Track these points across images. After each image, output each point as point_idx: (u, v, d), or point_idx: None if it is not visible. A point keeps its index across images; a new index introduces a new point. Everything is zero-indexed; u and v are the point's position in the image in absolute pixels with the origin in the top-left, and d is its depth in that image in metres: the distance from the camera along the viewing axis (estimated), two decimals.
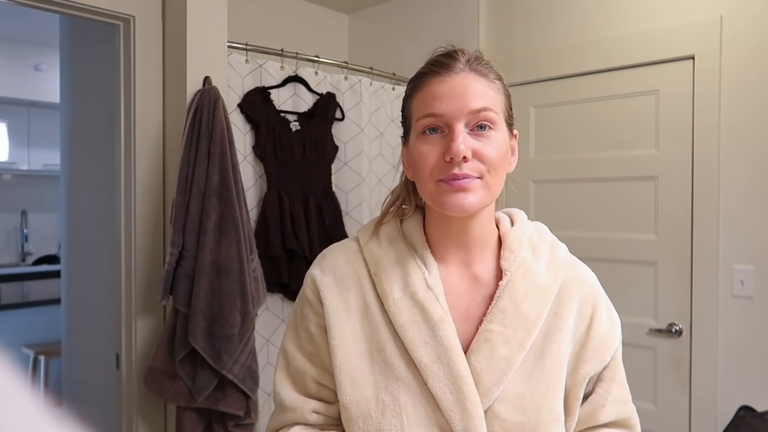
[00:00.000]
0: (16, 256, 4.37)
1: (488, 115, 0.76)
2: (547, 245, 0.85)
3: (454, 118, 0.75)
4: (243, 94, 1.96)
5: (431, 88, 0.77)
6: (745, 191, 1.93)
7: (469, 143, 0.74)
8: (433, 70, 0.79)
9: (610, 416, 0.83)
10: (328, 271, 0.83)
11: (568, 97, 2.35)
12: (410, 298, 0.78)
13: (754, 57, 1.91)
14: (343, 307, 0.80)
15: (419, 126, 0.78)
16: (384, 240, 0.83)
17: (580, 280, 0.84)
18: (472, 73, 0.78)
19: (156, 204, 1.87)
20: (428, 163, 0.76)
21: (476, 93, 0.76)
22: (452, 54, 0.79)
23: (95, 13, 1.78)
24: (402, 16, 2.84)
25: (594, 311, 0.82)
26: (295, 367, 0.83)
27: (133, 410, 1.83)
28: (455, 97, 0.75)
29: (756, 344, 1.91)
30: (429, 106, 0.76)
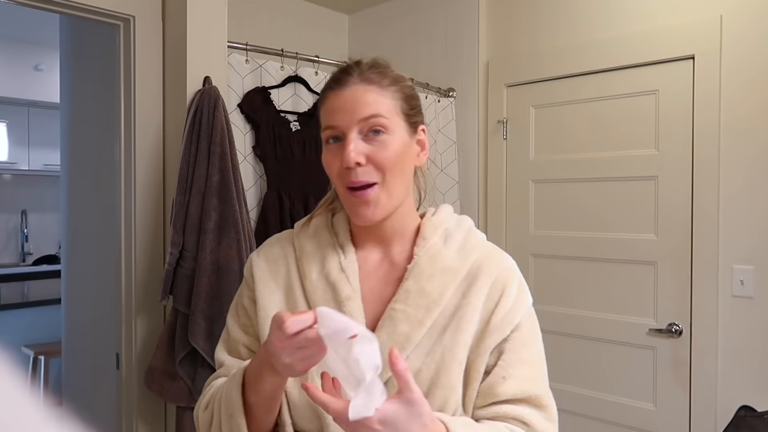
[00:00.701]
0: (16, 256, 4.37)
1: (378, 120, 0.84)
2: (461, 233, 0.92)
3: (346, 128, 0.84)
4: (243, 94, 1.96)
5: (329, 102, 0.87)
6: (745, 191, 1.93)
7: (361, 149, 0.83)
8: (331, 85, 0.88)
9: (512, 390, 0.82)
10: (263, 254, 0.96)
11: (568, 97, 2.35)
12: (324, 278, 0.89)
13: (754, 57, 1.91)
14: (272, 284, 0.92)
15: (323, 137, 0.88)
16: (312, 229, 0.95)
17: (493, 264, 0.89)
18: (363, 83, 0.86)
19: (156, 204, 1.87)
20: (333, 170, 0.86)
21: (365, 102, 0.84)
22: (347, 69, 0.89)
23: (95, 13, 1.78)
24: (402, 16, 2.84)
25: (503, 292, 0.87)
26: (232, 337, 0.95)
27: (133, 410, 1.83)
28: (346, 108, 0.84)
29: (756, 344, 1.91)
30: (327, 119, 0.86)
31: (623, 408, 2.20)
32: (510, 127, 2.52)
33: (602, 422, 2.26)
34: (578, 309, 2.33)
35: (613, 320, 2.23)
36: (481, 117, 2.60)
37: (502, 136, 2.54)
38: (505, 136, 2.53)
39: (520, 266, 0.96)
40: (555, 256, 2.39)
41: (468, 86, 2.61)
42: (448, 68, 2.67)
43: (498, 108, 2.55)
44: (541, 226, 2.44)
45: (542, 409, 0.84)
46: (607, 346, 2.25)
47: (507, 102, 2.53)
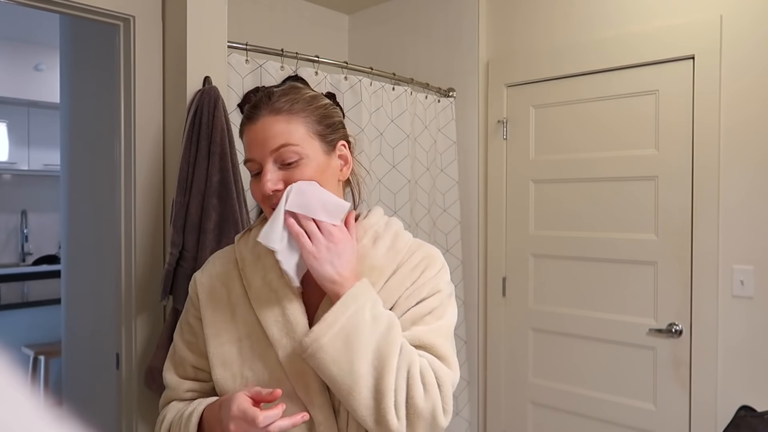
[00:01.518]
0: (16, 256, 4.37)
1: (288, 149, 0.89)
2: (389, 235, 0.97)
3: (261, 160, 0.90)
4: (243, 94, 1.96)
5: (245, 137, 0.93)
6: (745, 191, 1.94)
7: (278, 176, 0.89)
8: (243, 121, 0.94)
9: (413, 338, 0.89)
10: (206, 272, 1.01)
11: (568, 97, 2.35)
12: (268, 286, 0.93)
13: (754, 57, 1.91)
14: (215, 300, 0.96)
15: (247, 167, 0.94)
16: (252, 241, 0.98)
17: (418, 252, 0.96)
18: (270, 115, 0.90)
19: (156, 204, 1.87)
20: (258, 197, 0.93)
21: (273, 134, 0.89)
22: (257, 103, 0.93)
23: (95, 13, 1.78)
24: (402, 16, 2.84)
25: (425, 269, 0.95)
26: (178, 355, 1.01)
27: (133, 410, 1.83)
28: (258, 141, 0.90)
29: (756, 344, 1.91)
30: (246, 152, 0.93)
31: (623, 408, 2.20)
32: (510, 127, 2.52)
33: (602, 422, 2.26)
34: (578, 309, 2.33)
35: (613, 320, 2.23)
36: (481, 117, 2.60)
37: (502, 136, 2.54)
38: (505, 136, 2.53)
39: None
40: (555, 256, 2.39)
41: (468, 86, 2.61)
42: (448, 68, 2.67)
43: (498, 108, 2.55)
44: (541, 226, 2.44)
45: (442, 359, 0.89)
46: (607, 346, 2.25)
47: (507, 102, 2.53)
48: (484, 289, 2.60)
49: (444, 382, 0.86)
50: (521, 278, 2.49)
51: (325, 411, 0.89)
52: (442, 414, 0.85)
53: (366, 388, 0.82)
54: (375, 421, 0.82)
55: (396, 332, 0.85)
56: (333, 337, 0.82)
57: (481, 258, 2.60)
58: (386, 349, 0.83)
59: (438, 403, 0.84)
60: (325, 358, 0.82)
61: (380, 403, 0.82)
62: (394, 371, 0.82)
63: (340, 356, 0.82)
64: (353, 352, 0.82)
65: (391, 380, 0.82)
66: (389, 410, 0.81)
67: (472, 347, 2.60)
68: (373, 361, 0.83)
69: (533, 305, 2.47)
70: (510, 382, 2.54)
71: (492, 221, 2.58)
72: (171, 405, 1.00)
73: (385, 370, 0.82)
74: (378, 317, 0.85)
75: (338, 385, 0.83)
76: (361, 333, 0.83)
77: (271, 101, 0.91)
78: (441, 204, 2.60)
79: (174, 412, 0.98)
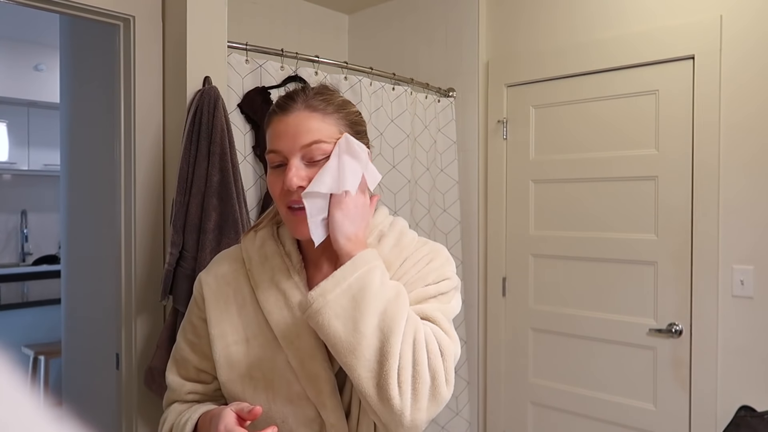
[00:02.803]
0: (16, 256, 4.37)
1: (320, 147, 0.88)
2: (394, 234, 0.97)
3: (289, 153, 0.88)
4: (243, 94, 1.96)
5: (273, 127, 0.91)
6: (745, 191, 1.94)
7: (303, 173, 0.88)
8: (275, 110, 0.92)
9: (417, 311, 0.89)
10: (211, 272, 0.99)
11: (568, 97, 2.35)
12: (275, 286, 0.92)
13: (754, 57, 1.91)
14: (222, 301, 0.95)
15: (268, 159, 0.92)
16: (259, 241, 0.98)
17: (424, 250, 0.96)
18: (306, 110, 0.89)
19: (156, 204, 1.87)
20: (275, 191, 0.91)
21: (308, 129, 0.88)
22: (291, 95, 0.92)
23: (95, 13, 1.78)
24: (402, 16, 2.84)
25: (431, 261, 0.95)
26: (181, 355, 1.00)
27: (133, 410, 1.83)
28: (289, 134, 0.88)
29: (756, 344, 1.91)
30: (271, 143, 0.91)
31: (623, 408, 2.20)
32: (510, 127, 2.52)
33: (602, 422, 2.26)
34: (578, 309, 2.33)
35: (613, 320, 2.23)
36: (481, 117, 2.60)
37: (502, 136, 2.54)
38: (505, 136, 2.53)
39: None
40: (555, 256, 2.39)
41: (468, 86, 2.61)
42: (448, 68, 2.67)
43: (498, 108, 2.55)
44: (541, 226, 2.44)
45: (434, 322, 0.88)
46: (607, 346, 2.25)
47: (507, 102, 2.53)
48: (484, 289, 2.60)
49: (447, 351, 0.84)
50: (521, 278, 2.49)
51: (338, 413, 0.88)
52: (445, 383, 0.82)
53: (370, 348, 0.79)
54: (376, 385, 0.79)
55: (403, 299, 0.83)
56: (340, 294, 0.80)
57: (481, 258, 2.60)
58: (393, 313, 0.80)
59: (441, 372, 0.82)
60: (330, 315, 0.79)
61: (383, 365, 0.78)
62: (401, 335, 0.79)
63: (346, 313, 0.79)
64: (360, 311, 0.80)
65: (397, 344, 0.79)
66: (392, 374, 0.78)
67: (472, 347, 2.60)
68: (380, 323, 0.80)
69: (533, 305, 2.47)
70: (510, 382, 2.54)
71: (492, 221, 2.58)
72: (172, 407, 1.00)
73: (391, 333, 0.79)
74: (386, 284, 0.83)
75: (341, 344, 0.79)
76: (368, 293, 0.80)
77: (306, 98, 0.90)
78: (441, 204, 2.60)
79: (174, 415, 0.97)
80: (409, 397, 0.79)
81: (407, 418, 0.79)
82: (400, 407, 0.78)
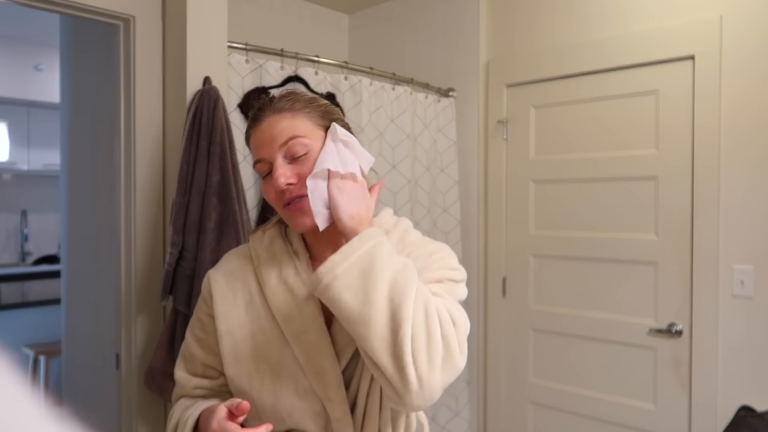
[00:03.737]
0: (16, 256, 4.37)
1: (297, 141, 0.91)
2: (398, 231, 1.00)
3: (271, 157, 0.92)
4: (243, 94, 1.96)
5: (252, 140, 0.95)
6: (745, 191, 1.94)
7: (288, 171, 0.90)
8: (250, 125, 0.96)
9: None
10: (220, 269, 1.02)
11: (568, 97, 2.35)
12: (283, 283, 0.94)
13: (755, 57, 1.91)
14: (230, 297, 0.97)
15: (257, 171, 0.95)
16: (267, 240, 1.00)
17: (427, 247, 0.98)
18: (275, 114, 0.93)
19: (156, 204, 1.87)
20: (271, 198, 0.94)
21: (280, 129, 0.91)
22: (260, 106, 0.95)
23: (95, 13, 1.78)
24: (402, 16, 2.84)
25: (434, 253, 0.96)
26: (189, 351, 1.02)
27: (133, 410, 1.83)
28: (265, 140, 0.92)
29: (756, 344, 1.91)
30: (254, 154, 0.95)
31: (623, 408, 2.20)
32: (510, 127, 2.52)
33: (602, 422, 2.26)
34: (578, 309, 2.33)
35: (613, 320, 2.23)
36: (481, 117, 2.60)
37: (502, 136, 2.54)
38: (505, 136, 2.53)
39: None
40: (555, 256, 2.39)
41: (468, 86, 2.61)
42: (448, 68, 2.67)
43: (498, 108, 2.55)
44: (541, 226, 2.44)
45: None
46: (607, 346, 2.25)
47: (507, 102, 2.53)
48: (484, 289, 2.60)
49: (459, 321, 0.85)
50: (521, 278, 2.49)
51: (343, 407, 0.90)
52: (458, 350, 0.82)
53: (383, 315, 0.79)
54: (391, 354, 0.78)
55: (412, 271, 0.83)
56: (350, 267, 0.81)
57: (481, 258, 2.60)
58: (403, 283, 0.81)
59: (454, 339, 0.81)
60: (341, 288, 0.80)
61: (397, 333, 0.78)
62: (412, 303, 0.80)
63: (356, 284, 0.80)
64: (370, 281, 0.80)
65: (409, 311, 0.79)
66: (406, 342, 0.77)
67: (472, 347, 2.60)
68: (390, 293, 0.80)
69: (533, 305, 2.47)
70: (510, 382, 2.54)
71: (492, 221, 2.58)
72: (179, 402, 1.01)
73: (402, 301, 0.79)
74: (393, 256, 0.84)
75: (354, 316, 0.79)
76: (377, 264, 0.81)
77: (272, 104, 0.94)
78: (441, 204, 2.60)
79: (180, 410, 0.99)
80: (425, 364, 0.78)
81: (423, 385, 0.78)
82: (415, 375, 0.78)
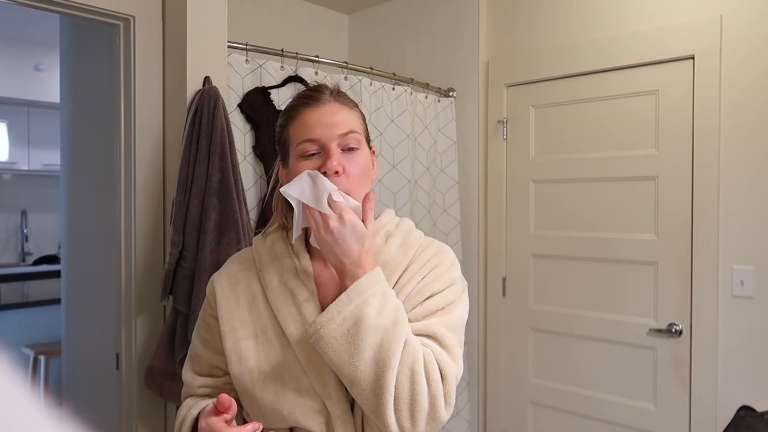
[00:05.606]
0: (16, 256, 4.37)
1: (354, 136, 0.94)
2: (401, 233, 1.01)
3: (328, 141, 0.92)
4: (243, 94, 1.96)
5: (304, 118, 0.94)
6: (745, 191, 1.93)
7: (341, 160, 0.92)
8: (305, 102, 0.96)
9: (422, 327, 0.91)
10: (224, 273, 1.04)
11: (568, 97, 2.35)
12: (284, 285, 0.96)
13: (754, 57, 1.91)
14: (233, 299, 0.99)
15: (299, 150, 0.94)
16: (269, 242, 1.02)
17: (430, 252, 0.99)
18: (336, 102, 0.96)
19: (156, 204, 1.87)
20: None
21: (342, 119, 0.94)
22: (318, 88, 0.97)
23: (95, 13, 1.78)
24: (402, 16, 2.84)
25: (437, 265, 0.97)
26: (195, 352, 1.05)
27: (133, 410, 1.83)
28: (324, 123, 0.93)
29: (756, 344, 1.91)
30: (307, 133, 0.93)
31: (623, 408, 2.20)
32: (510, 127, 2.52)
33: (602, 422, 2.26)
34: (578, 309, 2.33)
35: (613, 320, 2.23)
36: (481, 117, 2.60)
37: (502, 136, 2.54)
38: (505, 136, 2.53)
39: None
40: (555, 256, 2.39)
41: (468, 86, 2.61)
42: (448, 68, 2.67)
43: (498, 108, 2.55)
44: (541, 226, 2.44)
45: (439, 341, 0.90)
46: (607, 346, 2.25)
47: (507, 102, 2.53)
48: (484, 289, 2.60)
49: (448, 375, 0.86)
50: (521, 278, 2.49)
51: (343, 405, 0.91)
52: (444, 407, 0.85)
53: (367, 379, 0.82)
54: (372, 412, 0.84)
55: (401, 328, 0.85)
56: (335, 329, 0.83)
57: (481, 258, 2.60)
58: (389, 344, 0.83)
59: (440, 397, 0.84)
60: (327, 348, 0.84)
61: (379, 398, 0.82)
62: (396, 368, 0.82)
63: (341, 347, 0.83)
64: (354, 345, 0.83)
65: (392, 377, 0.82)
66: (388, 406, 0.82)
67: (472, 347, 2.60)
68: (375, 356, 0.82)
69: (533, 305, 2.47)
70: (510, 382, 2.54)
71: (492, 221, 2.58)
72: (185, 402, 1.04)
73: (386, 366, 0.82)
74: (384, 312, 0.85)
75: (340, 373, 0.85)
76: (363, 326, 0.83)
77: (333, 93, 0.96)
78: (441, 204, 2.60)
79: (186, 409, 1.01)
80: (407, 423, 0.83)
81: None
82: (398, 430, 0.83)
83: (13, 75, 4.04)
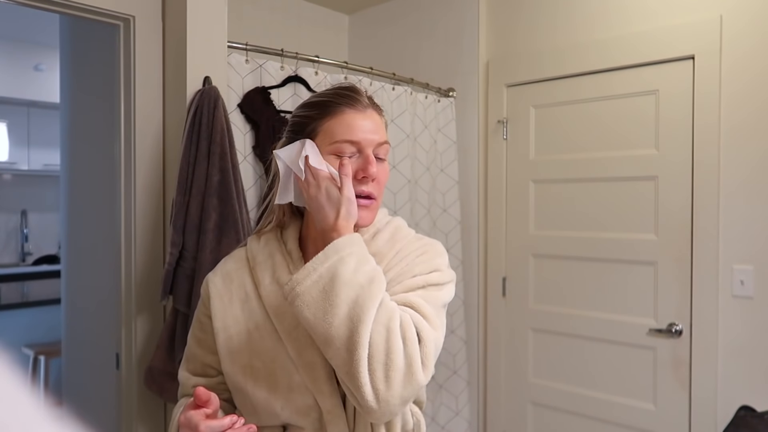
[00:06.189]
0: (16, 256, 4.37)
1: (386, 147, 0.99)
2: (389, 230, 1.02)
3: (367, 146, 0.95)
4: (243, 94, 1.96)
5: (349, 119, 0.95)
6: (745, 191, 1.94)
7: (376, 167, 0.95)
8: (347, 102, 0.96)
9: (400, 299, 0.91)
10: (218, 272, 1.06)
11: (568, 97, 2.35)
12: (276, 282, 0.97)
13: (754, 57, 1.91)
14: (226, 297, 1.01)
15: (335, 148, 0.94)
16: (263, 241, 1.03)
17: (418, 244, 1.01)
18: (376, 112, 0.98)
19: (156, 204, 1.87)
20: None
21: (381, 129, 0.98)
22: (357, 89, 0.99)
23: (95, 13, 1.78)
24: (402, 16, 2.84)
25: (423, 253, 0.99)
26: (190, 352, 1.06)
27: (133, 410, 1.83)
28: (366, 129, 0.95)
29: (756, 344, 1.91)
30: (349, 134, 0.94)
31: (623, 408, 2.20)
32: (510, 127, 2.52)
33: (602, 422, 2.26)
34: (578, 309, 2.33)
35: (613, 320, 2.23)
36: (481, 117, 2.60)
37: (502, 136, 2.54)
38: (505, 136, 2.53)
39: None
40: (555, 256, 2.39)
41: (468, 86, 2.61)
42: (448, 68, 2.67)
43: (498, 108, 2.55)
44: (541, 226, 2.44)
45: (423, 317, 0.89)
46: (607, 346, 2.25)
47: (507, 102, 2.53)
48: (484, 289, 2.60)
49: (425, 337, 0.86)
50: (521, 278, 2.49)
51: (334, 400, 0.92)
52: (420, 369, 0.83)
53: (341, 335, 0.81)
54: (346, 373, 0.82)
55: (377, 286, 0.85)
56: (310, 285, 0.83)
57: (481, 258, 2.60)
58: (364, 301, 0.82)
59: (416, 358, 0.83)
60: (302, 307, 0.83)
61: (353, 354, 0.80)
62: (370, 324, 0.81)
63: (316, 304, 0.83)
64: (329, 301, 0.82)
65: (366, 332, 0.81)
66: (361, 363, 0.80)
67: (472, 347, 2.60)
68: (349, 312, 0.82)
69: (533, 305, 2.47)
70: (510, 382, 2.54)
71: (492, 221, 2.58)
72: (180, 401, 1.05)
73: (360, 321, 0.81)
74: (360, 271, 0.85)
75: (314, 333, 0.84)
76: (338, 283, 0.83)
77: (370, 99, 0.99)
78: (441, 204, 2.60)
79: (177, 409, 1.01)
80: (382, 383, 0.81)
81: (380, 402, 0.81)
82: (372, 393, 0.81)
83: (13, 75, 4.04)
